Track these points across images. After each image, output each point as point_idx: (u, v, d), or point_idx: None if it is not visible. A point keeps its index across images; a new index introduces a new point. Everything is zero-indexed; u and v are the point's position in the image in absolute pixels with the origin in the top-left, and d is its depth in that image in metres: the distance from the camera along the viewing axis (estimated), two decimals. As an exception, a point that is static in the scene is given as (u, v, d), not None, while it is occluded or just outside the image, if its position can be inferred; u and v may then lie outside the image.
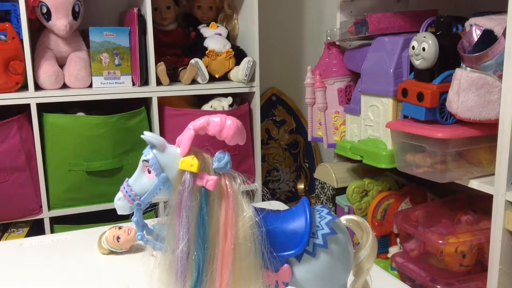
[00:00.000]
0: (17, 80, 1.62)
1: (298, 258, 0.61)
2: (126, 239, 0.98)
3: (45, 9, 1.64)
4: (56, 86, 1.69)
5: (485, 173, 1.27)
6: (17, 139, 1.63)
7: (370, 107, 1.53)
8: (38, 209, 1.71)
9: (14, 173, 1.64)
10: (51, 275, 0.93)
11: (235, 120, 0.59)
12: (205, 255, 0.59)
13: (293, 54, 2.36)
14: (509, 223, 1.16)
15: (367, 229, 0.65)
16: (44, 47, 1.69)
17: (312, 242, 0.61)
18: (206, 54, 1.84)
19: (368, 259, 0.65)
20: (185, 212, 0.58)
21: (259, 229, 0.59)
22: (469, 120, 1.19)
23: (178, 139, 0.61)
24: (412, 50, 1.30)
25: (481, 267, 1.32)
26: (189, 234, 0.58)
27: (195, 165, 0.58)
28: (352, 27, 1.63)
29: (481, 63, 1.15)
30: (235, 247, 0.58)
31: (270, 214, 0.63)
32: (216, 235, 0.59)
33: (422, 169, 1.31)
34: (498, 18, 1.19)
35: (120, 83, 1.75)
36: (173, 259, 0.59)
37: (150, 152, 0.60)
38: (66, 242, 1.09)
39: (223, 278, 0.59)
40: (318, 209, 0.64)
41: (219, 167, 0.59)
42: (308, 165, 2.41)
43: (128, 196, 0.61)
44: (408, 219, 1.43)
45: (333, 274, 0.62)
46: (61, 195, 1.73)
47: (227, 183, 0.60)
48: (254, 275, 0.59)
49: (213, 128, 0.59)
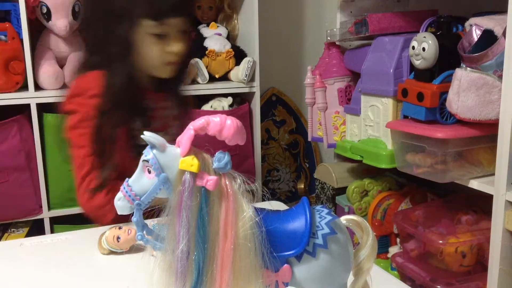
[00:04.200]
0: (17, 80, 1.62)
1: (298, 258, 0.61)
2: (126, 239, 0.98)
3: (45, 9, 1.64)
4: (56, 86, 1.69)
5: (485, 173, 1.27)
6: (17, 139, 1.63)
7: (370, 107, 1.53)
8: (38, 209, 1.71)
9: (14, 173, 1.64)
10: (51, 275, 0.93)
11: (235, 120, 0.59)
12: (205, 255, 0.59)
13: (293, 54, 2.36)
14: (509, 223, 1.16)
15: (367, 229, 0.65)
16: (44, 47, 1.69)
17: (312, 242, 0.61)
18: (206, 54, 1.84)
19: (368, 259, 0.65)
20: (185, 212, 0.58)
21: (259, 229, 0.59)
22: (469, 120, 1.19)
23: (178, 139, 0.61)
24: (412, 50, 1.30)
25: (481, 267, 1.32)
26: (189, 234, 0.58)
27: (195, 165, 0.58)
28: (352, 27, 1.63)
29: (481, 63, 1.15)
30: (235, 247, 0.58)
31: (270, 214, 0.63)
32: (216, 235, 0.59)
33: (422, 169, 1.31)
34: (498, 18, 1.19)
35: (120, 83, 1.75)
36: (173, 259, 0.59)
37: (150, 152, 0.60)
38: (66, 242, 1.09)
39: (223, 278, 0.59)
40: (318, 209, 0.64)
41: (219, 167, 0.59)
42: (308, 165, 2.41)
43: (128, 196, 0.61)
44: (408, 219, 1.43)
45: (333, 274, 0.62)
46: (61, 195, 1.73)
47: (227, 183, 0.60)
48: (254, 275, 0.59)
49: (213, 128, 0.58)
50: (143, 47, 1.11)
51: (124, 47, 1.10)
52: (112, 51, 1.11)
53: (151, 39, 1.10)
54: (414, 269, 1.39)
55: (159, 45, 1.11)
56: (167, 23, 1.09)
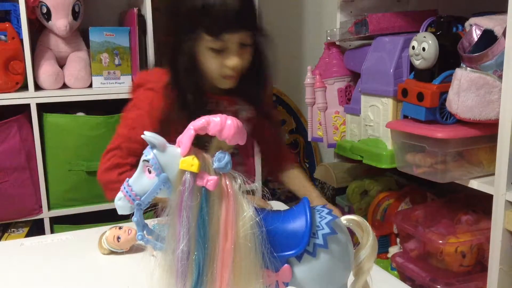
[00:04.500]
0: (17, 80, 1.62)
1: (299, 258, 0.61)
2: (127, 239, 0.98)
3: (45, 9, 1.64)
4: (56, 86, 1.69)
5: (485, 173, 1.27)
6: (17, 139, 1.63)
7: (370, 107, 1.53)
8: (38, 209, 1.71)
9: (14, 173, 1.64)
10: (51, 275, 0.93)
11: (235, 120, 0.59)
12: (206, 255, 0.59)
13: (293, 54, 2.36)
14: (509, 223, 1.16)
15: (368, 229, 0.65)
16: (44, 47, 1.69)
17: (313, 242, 0.61)
18: (206, 54, 1.84)
19: (369, 259, 0.65)
20: (186, 212, 0.58)
21: (260, 229, 0.60)
22: (469, 120, 1.19)
23: (179, 139, 0.61)
24: (412, 50, 1.30)
25: (481, 267, 1.32)
26: (190, 234, 0.58)
27: (195, 165, 0.58)
28: (352, 27, 1.63)
29: (481, 63, 1.15)
30: (235, 247, 0.58)
31: (270, 214, 0.63)
32: (216, 235, 0.59)
33: (422, 169, 1.31)
34: (498, 18, 1.19)
35: (120, 83, 1.75)
36: (173, 259, 0.59)
37: (151, 152, 0.60)
38: (66, 242, 1.09)
39: (224, 278, 0.59)
40: (318, 209, 0.64)
41: (219, 167, 0.59)
42: (308, 165, 2.41)
43: (128, 196, 0.61)
44: (408, 219, 1.43)
45: (334, 274, 0.62)
46: (61, 195, 1.73)
47: (227, 183, 0.60)
48: (255, 275, 0.59)
49: (214, 128, 0.59)
50: (203, 59, 1.12)
51: (189, 58, 1.13)
52: (179, 60, 1.13)
53: (209, 53, 1.11)
54: (414, 269, 1.38)
55: (217, 59, 1.12)
56: (224, 39, 1.09)
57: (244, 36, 1.11)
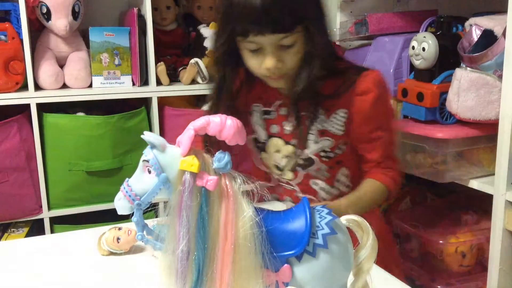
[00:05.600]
0: (17, 80, 1.62)
1: (298, 258, 0.61)
2: (127, 240, 0.98)
3: (45, 9, 1.64)
4: (56, 86, 1.69)
5: (485, 173, 1.27)
6: (17, 139, 1.63)
7: (370, 107, 1.53)
8: (38, 209, 1.71)
9: (14, 173, 1.64)
10: (51, 275, 0.93)
11: (235, 120, 0.59)
12: (205, 255, 0.59)
13: (293, 54, 2.36)
14: (509, 223, 1.16)
15: (368, 229, 0.65)
16: (44, 47, 1.69)
17: (312, 242, 0.61)
18: (206, 54, 1.84)
19: (369, 259, 0.65)
20: (185, 212, 0.58)
21: (259, 229, 0.59)
22: (469, 120, 1.19)
23: (178, 139, 0.61)
24: (412, 50, 1.30)
25: (481, 267, 1.33)
26: (189, 234, 0.58)
27: (195, 165, 0.58)
28: (352, 27, 1.63)
29: (481, 63, 1.16)
30: (235, 247, 0.58)
31: (270, 214, 0.63)
32: (216, 235, 0.59)
33: (422, 169, 1.31)
34: (498, 18, 1.19)
35: (120, 83, 1.75)
36: (173, 259, 0.59)
37: (150, 152, 0.60)
38: (66, 242, 1.09)
39: (223, 278, 0.59)
40: (318, 209, 0.64)
41: (219, 167, 0.59)
42: (308, 165, 2.40)
43: (128, 196, 0.61)
44: (408, 219, 1.43)
45: (333, 274, 0.62)
46: (61, 195, 1.73)
47: (227, 183, 0.60)
48: (254, 275, 0.59)
49: (214, 128, 0.59)
50: (245, 59, 1.09)
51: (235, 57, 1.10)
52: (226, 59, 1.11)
53: (248, 53, 1.08)
54: (414, 269, 1.39)
55: (255, 60, 1.07)
56: (254, 40, 1.02)
57: (278, 38, 1.01)
